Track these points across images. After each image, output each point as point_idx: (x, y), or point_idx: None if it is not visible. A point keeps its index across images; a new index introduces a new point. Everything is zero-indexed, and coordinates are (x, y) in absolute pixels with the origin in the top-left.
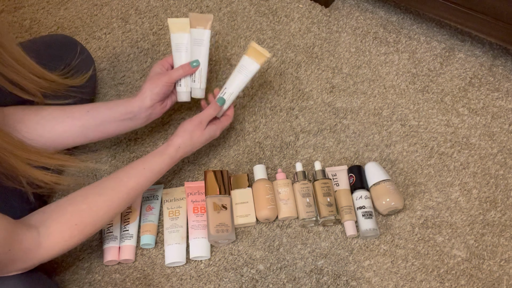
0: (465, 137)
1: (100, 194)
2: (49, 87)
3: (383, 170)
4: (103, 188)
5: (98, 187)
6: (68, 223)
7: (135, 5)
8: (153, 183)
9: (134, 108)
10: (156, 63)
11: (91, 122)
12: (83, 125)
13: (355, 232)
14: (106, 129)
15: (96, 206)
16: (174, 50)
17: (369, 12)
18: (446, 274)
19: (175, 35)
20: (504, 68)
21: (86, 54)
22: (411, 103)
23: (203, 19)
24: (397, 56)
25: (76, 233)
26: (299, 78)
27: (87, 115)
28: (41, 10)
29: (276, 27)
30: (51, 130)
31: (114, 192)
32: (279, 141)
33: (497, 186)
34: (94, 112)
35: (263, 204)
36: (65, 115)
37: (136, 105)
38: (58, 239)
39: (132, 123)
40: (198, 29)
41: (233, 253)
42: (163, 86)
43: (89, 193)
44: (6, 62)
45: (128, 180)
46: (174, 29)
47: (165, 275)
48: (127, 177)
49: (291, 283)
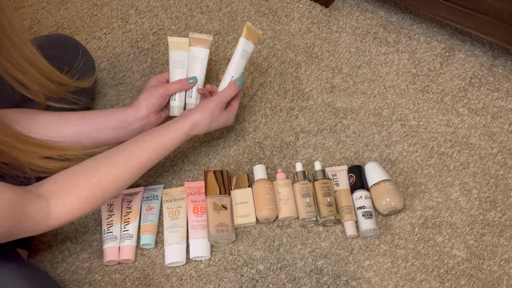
0: (465, 137)
1: (111, 167)
2: (56, 91)
3: (383, 170)
4: (115, 160)
5: (110, 158)
6: (79, 196)
7: (135, 5)
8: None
9: (128, 117)
10: (153, 77)
11: (85, 128)
12: (77, 130)
13: (355, 232)
14: (100, 136)
15: (106, 180)
16: (171, 66)
17: (369, 12)
18: (446, 274)
19: (173, 52)
20: (504, 68)
21: (89, 57)
22: (411, 103)
23: (202, 40)
24: (397, 56)
25: (85, 205)
26: (299, 78)
27: (82, 121)
28: (41, 10)
29: (276, 27)
30: (46, 135)
31: (125, 166)
32: (279, 141)
33: (497, 186)
34: (89, 118)
35: (263, 204)
36: (60, 121)
37: (132, 114)
38: (68, 211)
39: (126, 132)
40: (197, 47)
41: (233, 253)
42: (159, 97)
43: (100, 165)
44: (15, 61)
45: (139, 154)
46: (173, 46)
47: (165, 275)
48: (139, 151)
49: (291, 283)
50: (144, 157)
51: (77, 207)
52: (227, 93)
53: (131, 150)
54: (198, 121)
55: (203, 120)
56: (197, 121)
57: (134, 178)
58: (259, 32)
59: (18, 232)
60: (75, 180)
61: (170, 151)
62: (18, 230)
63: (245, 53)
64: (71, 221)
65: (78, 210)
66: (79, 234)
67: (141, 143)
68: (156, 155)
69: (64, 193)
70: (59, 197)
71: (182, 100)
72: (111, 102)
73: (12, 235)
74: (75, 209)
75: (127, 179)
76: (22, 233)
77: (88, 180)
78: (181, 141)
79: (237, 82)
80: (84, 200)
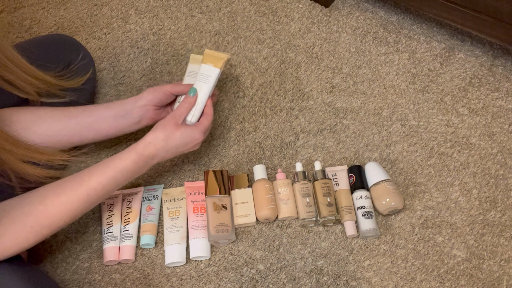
0: (465, 137)
1: (58, 194)
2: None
3: (383, 170)
4: (63, 187)
5: (59, 186)
6: (23, 226)
7: (135, 5)
8: (120, 185)
9: (127, 105)
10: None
11: (86, 119)
12: (78, 122)
13: (355, 232)
14: (100, 126)
15: (53, 208)
16: (186, 75)
17: (369, 12)
18: (446, 274)
19: (192, 65)
20: (504, 68)
21: (89, 59)
22: (411, 103)
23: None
24: (397, 56)
25: (31, 236)
26: (299, 78)
27: (83, 113)
28: (41, 10)
29: (276, 27)
30: (48, 129)
31: (73, 192)
32: (279, 141)
33: (497, 186)
34: (91, 109)
35: (263, 204)
36: (62, 114)
37: (130, 102)
38: (12, 242)
39: (125, 122)
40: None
41: (233, 253)
42: (162, 92)
43: (48, 192)
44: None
45: (89, 179)
46: (193, 61)
47: (165, 275)
48: (88, 176)
49: (291, 283)
50: (94, 182)
51: (22, 237)
52: (180, 106)
53: (81, 175)
54: (150, 139)
55: (156, 136)
56: (149, 139)
57: (85, 206)
58: (224, 57)
59: None
60: (19, 209)
61: (125, 174)
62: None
63: (204, 76)
64: (16, 253)
65: (24, 240)
66: (79, 234)
67: (93, 168)
68: (107, 178)
69: (8, 223)
70: (5, 226)
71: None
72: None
73: None
74: (20, 239)
75: (76, 208)
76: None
77: (34, 208)
78: (135, 162)
79: (189, 94)
80: (29, 229)
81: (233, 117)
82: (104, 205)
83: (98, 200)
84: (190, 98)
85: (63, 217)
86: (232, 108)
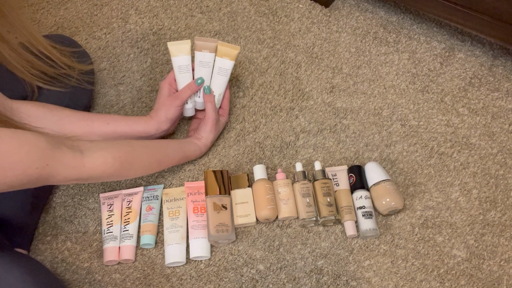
0: (465, 137)
1: (144, 147)
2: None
3: (383, 170)
4: (148, 144)
5: (143, 142)
6: (112, 154)
7: (135, 5)
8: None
9: (151, 130)
10: (163, 84)
11: (109, 136)
12: (100, 136)
13: (355, 232)
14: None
15: (138, 152)
16: (177, 72)
17: (369, 12)
18: (446, 274)
19: (176, 58)
20: (504, 68)
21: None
22: (411, 103)
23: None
24: (397, 56)
25: (117, 165)
26: (299, 78)
27: (107, 127)
28: (41, 10)
29: (276, 27)
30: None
31: (155, 152)
32: (279, 141)
33: (497, 186)
34: (114, 125)
35: (263, 204)
36: (85, 123)
37: (154, 128)
38: (101, 163)
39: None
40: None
41: (233, 253)
42: (176, 110)
43: (134, 142)
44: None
45: (164, 151)
46: (175, 52)
47: (165, 275)
48: (164, 149)
49: (291, 283)
50: (169, 157)
51: (110, 162)
52: (208, 109)
53: (163, 146)
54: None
55: (207, 137)
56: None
57: (155, 167)
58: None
59: (49, 177)
60: (110, 142)
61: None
62: (49, 174)
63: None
64: (101, 176)
65: (110, 166)
66: (79, 234)
67: (168, 145)
68: (176, 159)
69: (99, 148)
70: (94, 150)
71: (192, 101)
72: (111, 102)
73: (43, 178)
74: (108, 164)
75: (151, 163)
76: (53, 178)
77: (123, 145)
78: (196, 156)
79: (205, 93)
80: (117, 158)
81: (233, 117)
82: (104, 205)
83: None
84: (211, 97)
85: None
86: (232, 108)
